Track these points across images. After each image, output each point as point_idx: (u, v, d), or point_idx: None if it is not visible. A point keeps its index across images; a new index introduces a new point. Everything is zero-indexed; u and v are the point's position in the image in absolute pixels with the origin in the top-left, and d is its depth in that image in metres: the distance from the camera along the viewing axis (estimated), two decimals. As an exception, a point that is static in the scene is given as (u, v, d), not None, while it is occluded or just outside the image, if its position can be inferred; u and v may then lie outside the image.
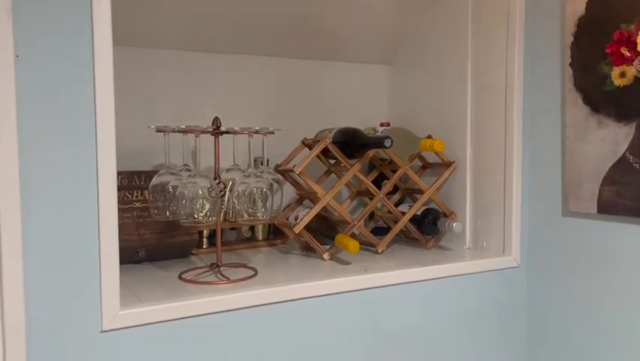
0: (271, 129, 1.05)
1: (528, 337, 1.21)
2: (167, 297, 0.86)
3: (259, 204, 1.07)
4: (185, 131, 1.00)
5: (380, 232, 1.29)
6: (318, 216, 1.26)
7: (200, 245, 1.22)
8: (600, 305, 1.06)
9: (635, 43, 0.96)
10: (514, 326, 1.20)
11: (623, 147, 0.99)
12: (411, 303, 1.07)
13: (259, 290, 0.92)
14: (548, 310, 1.16)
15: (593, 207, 1.05)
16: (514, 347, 1.20)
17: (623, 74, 0.98)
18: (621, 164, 0.99)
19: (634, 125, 0.97)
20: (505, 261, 1.18)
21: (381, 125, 1.35)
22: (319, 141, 1.16)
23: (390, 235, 1.21)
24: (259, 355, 0.92)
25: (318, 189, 1.13)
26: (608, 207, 1.02)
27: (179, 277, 1.00)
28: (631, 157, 0.98)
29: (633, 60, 0.96)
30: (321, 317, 0.98)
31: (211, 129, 1.00)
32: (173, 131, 1.00)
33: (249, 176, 1.02)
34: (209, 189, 1.00)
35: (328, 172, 1.27)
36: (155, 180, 1.02)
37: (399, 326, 1.06)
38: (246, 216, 1.06)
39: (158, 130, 1.00)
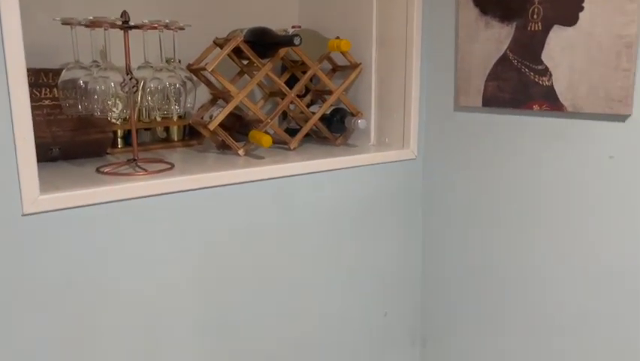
0: (181, 25, 1.06)
1: (423, 220, 1.37)
2: (86, 186, 0.90)
3: (172, 101, 1.10)
4: (92, 25, 1.00)
5: (293, 133, 1.36)
6: (233, 116, 1.31)
7: (115, 145, 1.24)
8: (487, 187, 1.22)
9: (519, -52, 1.06)
10: (411, 211, 1.35)
11: (504, 45, 1.11)
12: (319, 191, 1.18)
13: (177, 177, 0.98)
14: (441, 196, 1.32)
15: (479, 101, 1.18)
16: (410, 228, 1.36)
17: (507, -22, 1.08)
18: (503, 61, 1.12)
19: (514, 25, 1.09)
20: (404, 153, 1.31)
21: (293, 27, 1.39)
22: (230, 39, 1.18)
23: (301, 133, 1.29)
24: (179, 240, 0.99)
25: (231, 88, 1.18)
26: (490, 101, 1.16)
27: (97, 170, 1.02)
28: (511, 55, 1.10)
29: (516, -36, 1.06)
30: (236, 204, 1.06)
31: (120, 23, 0.99)
32: (80, 24, 0.99)
33: (161, 70, 1.04)
34: (121, 84, 1.01)
35: (241, 73, 1.31)
36: (65, 74, 1.01)
37: (309, 211, 1.17)
38: (159, 113, 1.09)
39: (64, 22, 0.98)
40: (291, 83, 1.38)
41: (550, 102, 1.05)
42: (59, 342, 0.89)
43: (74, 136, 1.12)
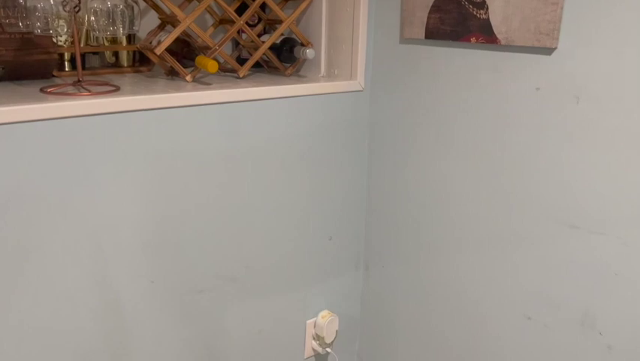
0: (125, -57, 1.05)
1: (369, 150, 1.43)
2: (28, 103, 0.91)
3: (118, 23, 1.10)
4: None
5: (244, 62, 1.38)
6: (182, 42, 1.32)
7: (62, 68, 1.24)
8: (428, 117, 1.28)
9: None
10: (358, 140, 1.41)
11: (447, -22, 1.14)
12: (266, 118, 1.22)
13: (120, 97, 0.99)
14: (387, 126, 1.37)
15: (422, 33, 1.21)
16: (357, 158, 1.42)
17: None
18: (445, -7, 1.15)
19: (457, -43, 1.11)
20: (351, 84, 1.34)
21: (244, -46, 1.37)
22: (178, -38, 1.17)
23: (251, 61, 1.31)
24: (123, 161, 1.03)
25: (178, 12, 1.18)
26: (433, 33, 1.19)
27: (41, 90, 1.03)
28: (453, -13, 1.13)
29: None
30: (180, 128, 1.09)
31: (59, -62, 0.98)
32: (18, -62, 0.97)
33: (104, -10, 1.04)
34: (62, 2, 1.00)
35: (190, -1, 1.31)
36: (4, -10, 1.00)
37: (256, 138, 1.21)
38: (103, 34, 1.09)
39: None
40: (242, 11, 1.38)
41: (485, 35, 1.09)
42: (4, 255, 0.93)
43: (18, 56, 1.11)
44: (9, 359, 0.98)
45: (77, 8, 1.03)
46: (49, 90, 1.02)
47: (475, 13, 1.10)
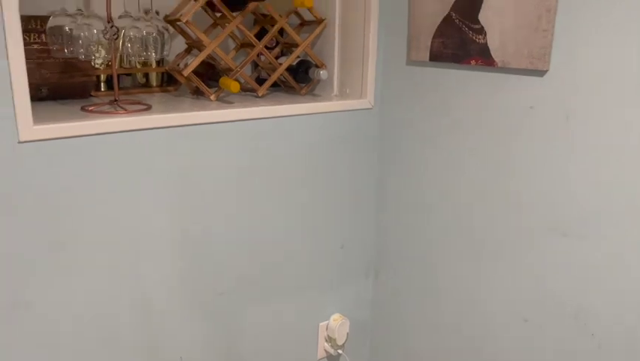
0: (158, -22, 1.18)
1: (379, 164, 1.53)
2: (73, 120, 1.03)
3: (150, 48, 1.23)
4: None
5: (263, 83, 1.50)
6: (206, 64, 1.44)
7: (98, 89, 1.36)
8: (435, 133, 1.38)
9: None
10: (368, 155, 1.51)
11: (448, 6, 1.24)
12: (283, 134, 1.32)
13: (154, 115, 1.11)
14: (395, 142, 1.47)
15: (427, 56, 1.32)
16: (367, 171, 1.52)
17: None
18: (447, 20, 1.25)
19: (458, -13, 1.22)
20: (362, 103, 1.45)
21: (263, -17, 1.50)
22: (204, -7, 1.30)
23: (269, 81, 1.43)
24: (155, 172, 1.14)
25: (204, 37, 1.30)
26: (436, 56, 1.30)
27: (82, 108, 1.16)
28: (454, 14, 1.24)
29: None
30: (207, 142, 1.20)
31: (102, -25, 1.10)
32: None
33: (139, 20, 1.16)
34: (103, 31, 1.13)
35: (215, 25, 1.43)
36: (52, 21, 1.13)
37: (274, 153, 1.32)
38: (138, 59, 1.21)
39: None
40: (261, 35, 1.50)
41: (484, 58, 1.19)
42: (48, 253, 1.05)
43: (61, 78, 1.24)
44: (48, 347, 1.09)
45: (116, 36, 1.15)
46: (89, 109, 1.14)
47: (474, 38, 1.20)
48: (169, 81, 1.50)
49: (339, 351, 1.55)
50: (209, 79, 1.46)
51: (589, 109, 1.05)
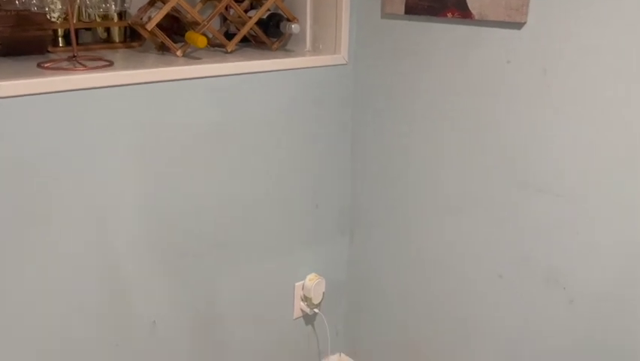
0: None
1: (352, 120, 1.49)
2: (28, 77, 0.96)
3: (111, 0, 1.15)
4: None
5: (232, 37, 1.43)
6: (171, 17, 1.36)
7: (56, 44, 1.28)
8: (410, 85, 1.34)
9: None
10: (342, 112, 1.47)
11: (425, -45, 1.19)
12: (253, 91, 1.27)
13: (116, 72, 1.05)
14: (369, 98, 1.44)
15: (402, 9, 1.27)
16: (341, 128, 1.49)
17: None
18: (423, -30, 1.20)
19: None
20: (336, 58, 1.40)
21: None
22: (166, -60, 1.21)
23: (238, 36, 1.36)
24: (119, 132, 1.09)
25: (167, -11, 1.22)
26: (412, 8, 1.25)
27: (38, 65, 1.08)
28: (430, -36, 1.19)
29: None
30: (174, 100, 1.15)
31: None
32: None
33: (96, -32, 1.08)
34: (57, -20, 1.05)
35: (179, -25, 1.35)
36: (0, -31, 1.04)
37: (244, 111, 1.27)
38: (96, 11, 1.14)
39: None
40: (229, -13, 1.42)
41: (461, 10, 1.15)
42: (6, 219, 1.00)
43: (14, 32, 1.15)
44: (19, 317, 1.05)
45: (71, -14, 1.07)
46: (46, 65, 1.07)
47: (451, -11, 1.16)
48: (132, 37, 1.42)
49: (316, 310, 1.55)
50: (174, 33, 1.39)
51: (567, 63, 1.03)
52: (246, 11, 1.41)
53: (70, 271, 1.09)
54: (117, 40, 1.39)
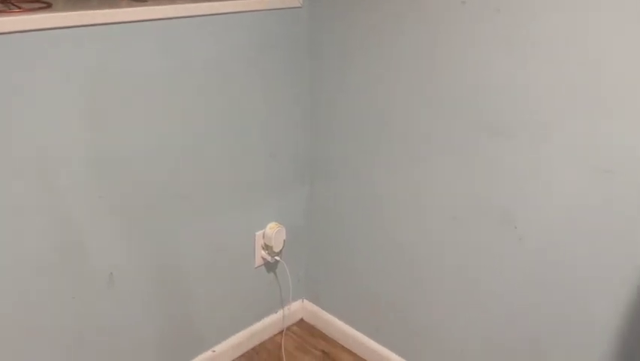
0: None
1: (310, 66, 1.47)
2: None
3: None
4: None
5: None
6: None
7: (-12, -15, 1.19)
8: (366, 30, 1.32)
9: None
10: (299, 57, 1.44)
11: None
12: (203, 36, 1.23)
13: (54, 13, 0.99)
14: (326, 42, 1.41)
15: (356, -53, 1.23)
16: (298, 74, 1.46)
17: None
18: None
19: None
20: (289, 1, 1.36)
21: None
22: None
23: (186, -23, 1.30)
24: (60, 78, 1.03)
25: None
26: (366, -53, 1.21)
27: (-33, 6, 1.01)
28: None
29: None
30: (119, 45, 1.10)
31: None
32: None
33: None
34: None
35: None
36: None
37: (194, 56, 1.23)
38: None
39: None
40: None
41: (415, -52, 1.12)
42: (-50, 171, 0.95)
43: (-61, -29, 1.07)
44: (-35, 273, 1.02)
45: None
46: (-24, 7, 1.00)
47: None
48: (73, -22, 1.33)
49: (277, 258, 1.57)
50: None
51: (519, 1, 1.02)
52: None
53: (16, 220, 1.05)
54: (56, -19, 1.30)
